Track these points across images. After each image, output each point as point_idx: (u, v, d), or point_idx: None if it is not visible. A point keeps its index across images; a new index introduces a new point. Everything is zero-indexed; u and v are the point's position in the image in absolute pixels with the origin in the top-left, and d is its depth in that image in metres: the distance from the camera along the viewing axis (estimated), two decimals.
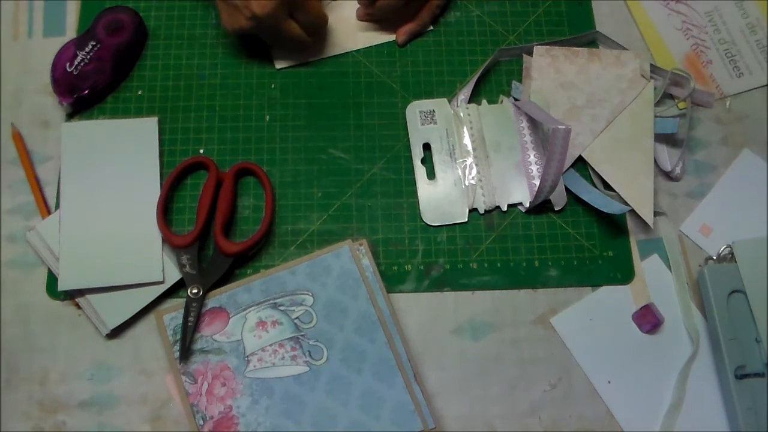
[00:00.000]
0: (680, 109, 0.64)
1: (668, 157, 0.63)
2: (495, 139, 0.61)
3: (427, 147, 0.62)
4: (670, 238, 0.60)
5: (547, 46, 0.64)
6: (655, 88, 0.63)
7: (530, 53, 0.64)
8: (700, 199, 0.62)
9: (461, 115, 0.62)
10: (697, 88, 0.63)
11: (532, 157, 0.61)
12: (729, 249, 0.59)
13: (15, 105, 0.62)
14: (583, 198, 0.59)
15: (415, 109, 0.62)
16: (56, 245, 0.56)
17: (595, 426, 0.55)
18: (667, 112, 0.64)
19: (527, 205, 0.60)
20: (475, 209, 0.60)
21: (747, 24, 0.68)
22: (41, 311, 0.57)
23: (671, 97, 0.65)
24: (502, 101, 0.63)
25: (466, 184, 0.60)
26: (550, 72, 0.63)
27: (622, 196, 0.60)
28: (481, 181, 0.60)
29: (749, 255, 0.57)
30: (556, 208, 0.60)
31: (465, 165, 0.61)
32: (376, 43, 0.65)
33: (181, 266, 0.56)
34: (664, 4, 0.68)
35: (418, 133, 0.62)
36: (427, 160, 0.61)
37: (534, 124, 0.62)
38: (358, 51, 0.65)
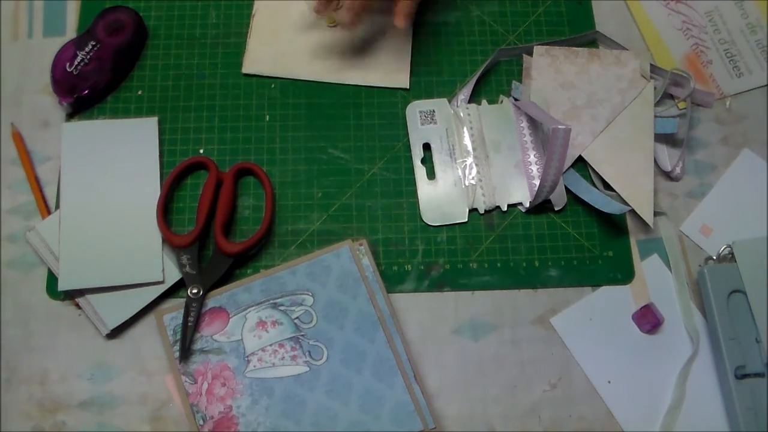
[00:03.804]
0: (680, 109, 0.64)
1: (668, 157, 0.63)
2: (495, 139, 0.61)
3: (427, 147, 0.62)
4: (670, 238, 0.60)
5: (547, 46, 0.64)
6: (655, 88, 0.63)
7: (530, 53, 0.64)
8: (700, 199, 0.62)
9: (461, 115, 0.62)
10: (697, 88, 0.63)
11: (532, 157, 0.61)
12: (729, 249, 0.59)
13: (15, 105, 0.62)
14: (583, 198, 0.59)
15: (415, 109, 0.62)
16: (56, 245, 0.56)
17: (595, 426, 0.55)
18: (667, 112, 0.63)
19: (527, 205, 0.60)
20: (475, 209, 0.60)
21: (747, 24, 0.68)
22: (41, 311, 0.57)
23: (671, 97, 0.65)
24: (502, 101, 0.63)
25: (466, 184, 0.60)
26: (550, 72, 0.63)
27: (622, 196, 0.60)
28: (481, 181, 0.60)
29: (749, 255, 0.57)
30: (556, 208, 0.60)
31: (465, 165, 0.61)
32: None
33: (181, 266, 0.56)
34: (664, 4, 0.68)
35: (418, 133, 0.62)
36: (427, 160, 0.61)
37: (534, 124, 0.62)
38: None
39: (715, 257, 0.59)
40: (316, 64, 0.64)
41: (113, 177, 0.59)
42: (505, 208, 0.60)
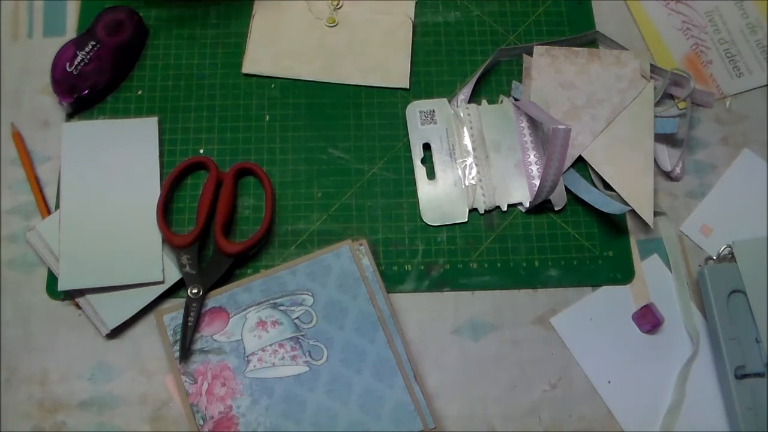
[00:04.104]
0: (680, 109, 0.64)
1: (668, 157, 0.63)
2: (495, 139, 0.61)
3: (427, 147, 0.62)
4: (670, 238, 0.60)
5: (547, 46, 0.64)
6: (655, 88, 0.63)
7: (530, 53, 0.64)
8: (700, 199, 0.62)
9: (461, 115, 0.62)
10: (697, 88, 0.63)
11: (532, 157, 0.61)
12: (729, 249, 0.59)
13: (15, 105, 0.62)
14: (583, 198, 0.59)
15: (415, 109, 0.62)
16: (56, 245, 0.56)
17: (595, 426, 0.55)
18: (667, 112, 0.64)
19: (527, 205, 0.60)
20: (475, 209, 0.60)
21: (747, 24, 0.68)
22: (41, 311, 0.57)
23: (671, 97, 0.65)
24: (502, 101, 0.63)
25: (466, 184, 0.60)
26: (550, 72, 0.63)
27: (622, 196, 0.60)
28: (481, 181, 0.60)
29: (749, 255, 0.57)
30: (556, 208, 0.60)
31: (465, 165, 0.61)
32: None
33: (181, 266, 0.56)
34: (664, 4, 0.69)
35: (418, 133, 0.62)
36: (427, 160, 0.61)
37: (534, 124, 0.62)
38: None
39: (715, 257, 0.59)
40: (316, 64, 0.64)
41: (113, 177, 0.59)
42: (505, 208, 0.60)
